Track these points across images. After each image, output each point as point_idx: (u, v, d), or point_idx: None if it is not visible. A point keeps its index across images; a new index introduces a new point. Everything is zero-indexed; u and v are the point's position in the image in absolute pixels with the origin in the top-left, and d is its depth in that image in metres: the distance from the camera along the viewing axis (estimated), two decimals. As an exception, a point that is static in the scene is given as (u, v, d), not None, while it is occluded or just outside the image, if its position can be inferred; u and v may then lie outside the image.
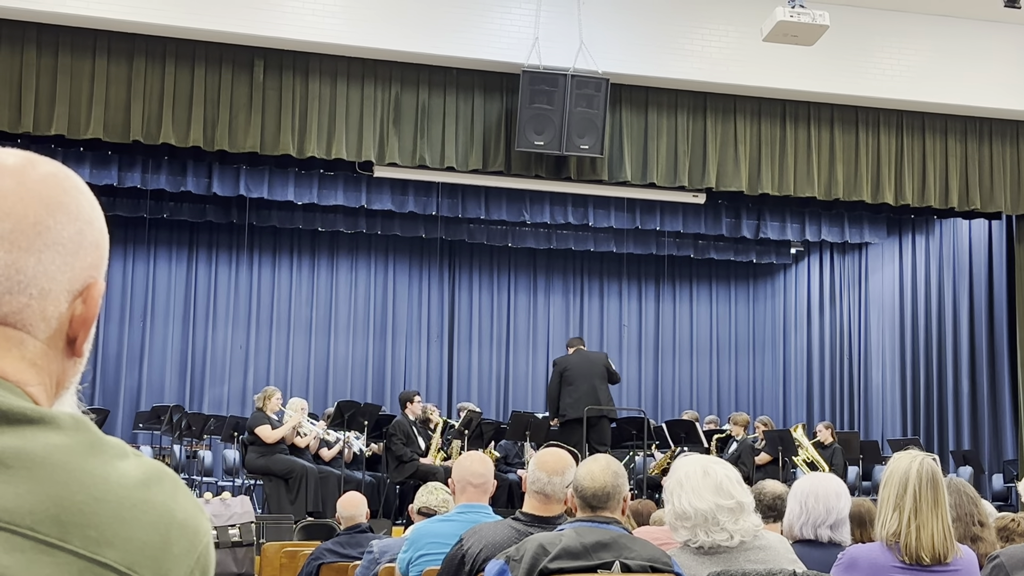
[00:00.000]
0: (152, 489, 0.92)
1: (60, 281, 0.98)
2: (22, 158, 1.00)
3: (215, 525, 7.83)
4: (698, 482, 3.26)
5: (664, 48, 10.89)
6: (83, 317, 1.01)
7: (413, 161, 10.60)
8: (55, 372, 1.00)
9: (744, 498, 3.27)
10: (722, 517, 3.23)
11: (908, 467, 3.36)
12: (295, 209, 14.32)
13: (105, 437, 0.94)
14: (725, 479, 3.27)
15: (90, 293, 1.01)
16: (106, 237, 1.04)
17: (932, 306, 14.59)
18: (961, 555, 3.35)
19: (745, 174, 11.20)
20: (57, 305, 0.99)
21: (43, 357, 0.98)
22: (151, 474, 0.94)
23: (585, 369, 11.14)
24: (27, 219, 0.97)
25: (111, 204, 13.98)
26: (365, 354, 15.85)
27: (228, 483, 12.08)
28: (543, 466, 3.73)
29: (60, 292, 0.99)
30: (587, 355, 11.51)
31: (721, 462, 3.38)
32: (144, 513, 0.91)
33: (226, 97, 10.18)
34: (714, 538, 3.24)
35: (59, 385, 1.01)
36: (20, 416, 0.90)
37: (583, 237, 15.78)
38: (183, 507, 0.94)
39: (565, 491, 3.70)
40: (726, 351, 17.61)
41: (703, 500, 3.24)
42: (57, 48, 9.85)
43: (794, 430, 12.10)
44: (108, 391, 14.77)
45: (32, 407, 0.92)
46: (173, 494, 0.94)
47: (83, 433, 0.92)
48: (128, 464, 0.93)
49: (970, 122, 11.77)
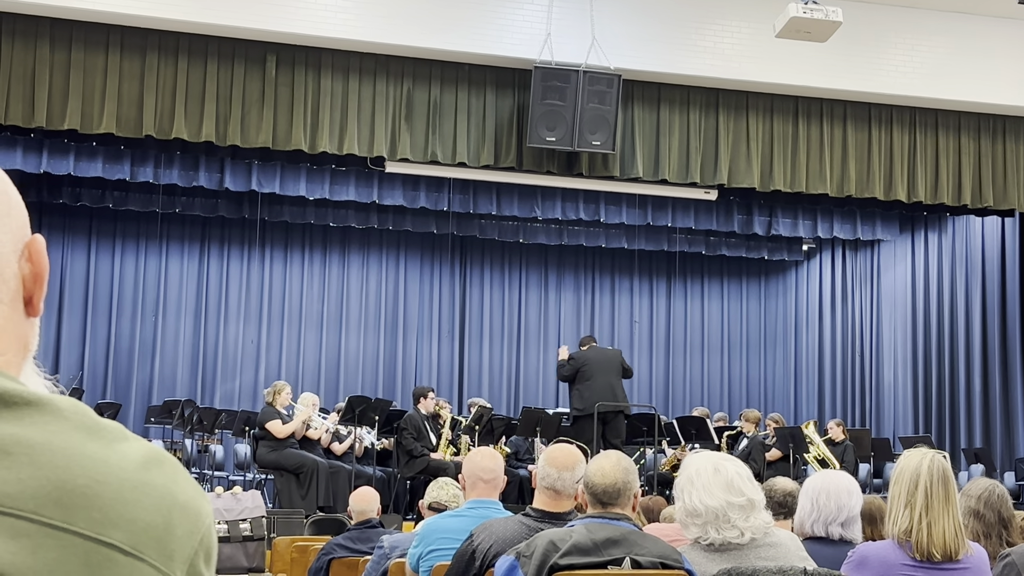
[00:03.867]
0: (153, 471, 0.92)
1: (5, 243, 0.99)
2: None
3: (226, 519, 7.85)
4: (709, 479, 3.26)
5: (676, 44, 10.87)
6: (34, 273, 1.02)
7: (425, 157, 10.60)
8: (21, 336, 1.01)
9: (755, 495, 3.27)
10: (733, 514, 3.22)
11: (919, 464, 3.35)
12: (307, 204, 14.34)
13: (102, 420, 0.94)
14: (736, 476, 3.26)
15: (33, 248, 1.02)
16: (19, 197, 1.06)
17: (944, 303, 14.55)
18: (972, 553, 3.34)
19: (757, 170, 11.17)
20: (10, 266, 1.00)
21: (9, 321, 0.99)
22: (151, 457, 0.94)
23: (602, 365, 11.21)
24: None
25: (123, 199, 14.04)
26: (376, 349, 15.87)
27: (239, 477, 12.11)
28: (553, 462, 3.72)
29: (8, 254, 1.00)
30: (603, 351, 11.58)
31: (732, 459, 3.37)
32: (146, 495, 0.91)
33: (238, 92, 10.19)
34: (725, 535, 3.23)
35: (25, 347, 1.02)
36: (17, 399, 0.90)
37: (594, 233, 15.76)
38: (184, 489, 0.94)
39: (575, 487, 3.69)
40: (737, 348, 17.59)
41: (714, 497, 3.23)
42: (70, 43, 9.87)
43: (805, 427, 12.08)
44: (120, 385, 14.83)
45: (28, 390, 0.92)
46: (174, 476, 0.94)
47: (81, 416, 0.92)
48: (128, 447, 0.93)
49: (983, 119, 11.72)
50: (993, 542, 3.87)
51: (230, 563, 7.70)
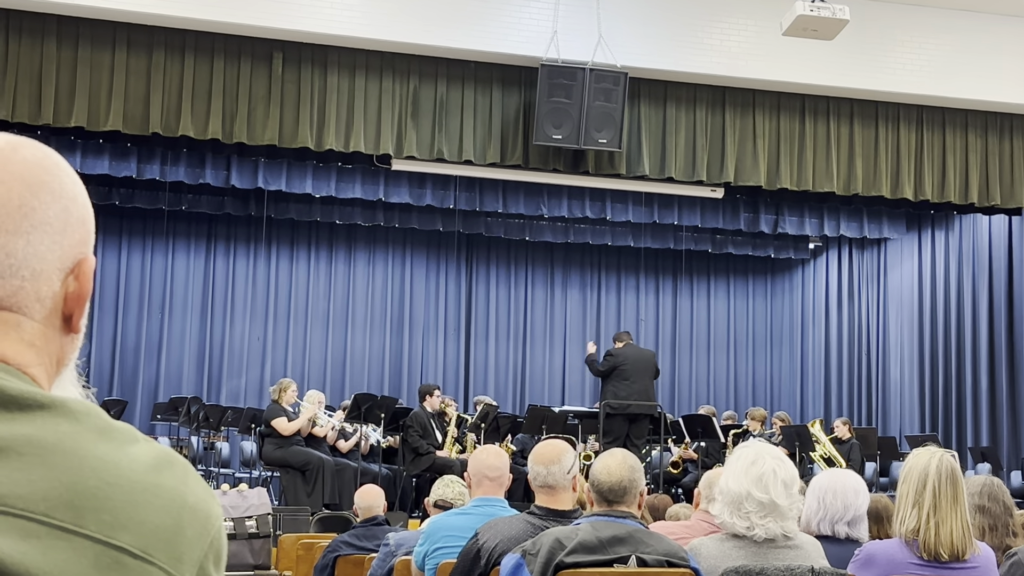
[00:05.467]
0: (163, 474, 0.93)
1: (51, 261, 0.99)
2: (2, 141, 1.00)
3: (232, 517, 7.86)
4: (744, 466, 3.26)
5: (683, 42, 10.86)
6: (77, 294, 1.01)
7: (431, 154, 10.60)
8: (54, 351, 1.01)
9: (781, 500, 3.23)
10: (749, 506, 3.21)
11: (927, 463, 3.35)
12: (313, 202, 14.35)
13: (114, 422, 0.94)
14: (771, 475, 3.23)
15: (81, 269, 1.02)
16: (91, 211, 1.05)
17: (951, 302, 14.53)
18: (979, 552, 3.33)
19: (764, 169, 11.16)
20: (50, 285, 0.99)
21: (41, 337, 0.99)
22: (161, 459, 0.94)
23: (638, 365, 11.27)
24: (12, 202, 0.97)
25: (130, 196, 14.04)
26: (382, 347, 15.88)
27: (245, 475, 12.12)
28: (539, 459, 3.74)
29: (52, 271, 0.99)
30: (640, 351, 11.65)
31: (783, 461, 3.31)
32: (156, 497, 0.91)
33: (245, 90, 10.20)
34: (737, 523, 3.23)
35: (59, 363, 1.02)
36: (30, 401, 0.91)
37: (600, 231, 15.76)
38: (194, 491, 0.94)
39: (568, 478, 3.69)
40: (743, 346, 17.57)
41: (739, 484, 3.24)
42: (77, 40, 9.88)
43: (811, 425, 12.06)
44: (126, 382, 14.85)
45: (41, 392, 0.92)
46: (184, 479, 0.94)
47: (93, 418, 0.93)
48: (138, 449, 0.93)
49: (991, 117, 11.70)
50: (999, 533, 3.86)
51: (236, 560, 7.71)
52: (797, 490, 3.30)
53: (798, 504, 3.32)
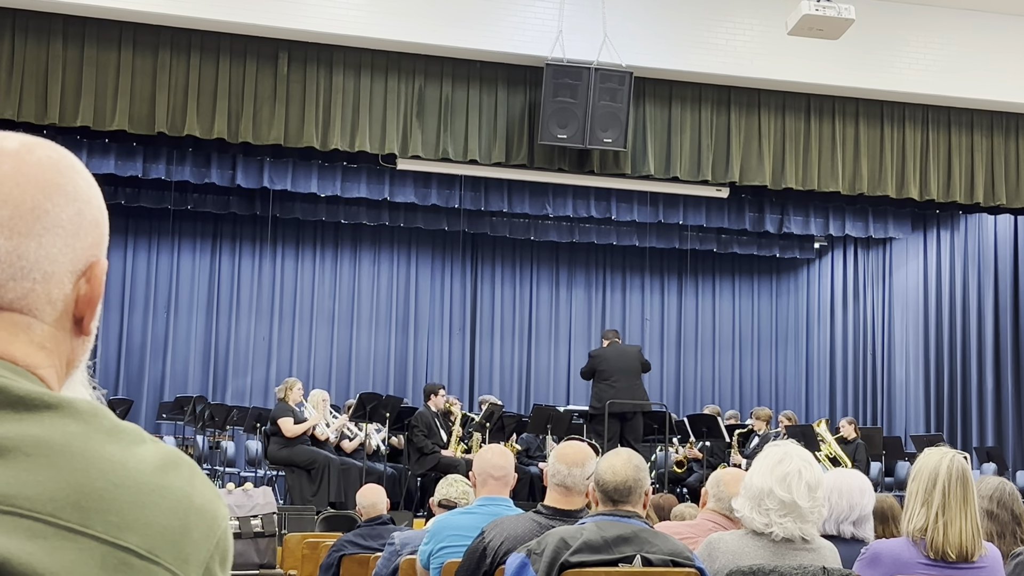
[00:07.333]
0: (170, 474, 0.93)
1: (62, 263, 0.99)
2: (17, 142, 1.00)
3: (237, 516, 7.86)
4: (769, 464, 3.26)
5: (688, 41, 10.85)
6: (88, 297, 1.01)
7: (436, 154, 10.60)
8: (64, 353, 1.01)
9: (803, 503, 3.21)
10: (770, 503, 3.20)
11: (938, 463, 3.34)
12: (318, 201, 14.36)
13: (121, 423, 0.95)
14: (795, 475, 3.22)
15: (93, 272, 1.01)
16: (105, 214, 1.04)
17: (956, 301, 14.51)
18: (987, 553, 3.33)
19: (769, 168, 11.15)
20: (61, 287, 0.99)
21: (51, 340, 0.99)
22: (168, 460, 0.94)
23: (619, 363, 11.10)
24: (25, 204, 0.97)
25: (136, 195, 14.06)
26: (387, 346, 15.89)
27: (250, 474, 12.14)
28: (563, 459, 3.73)
29: (63, 274, 0.99)
30: (622, 349, 11.46)
31: (809, 463, 3.29)
32: (163, 498, 0.91)
33: (250, 89, 10.20)
34: (756, 518, 3.22)
35: (69, 365, 1.02)
36: (38, 402, 0.91)
37: (606, 231, 15.75)
38: (200, 492, 0.95)
39: (586, 483, 3.70)
40: (749, 346, 17.56)
41: (763, 479, 3.24)
42: (83, 40, 9.89)
43: (817, 425, 12.06)
44: (132, 381, 14.87)
45: (48, 393, 0.93)
46: (190, 479, 0.95)
47: (100, 419, 0.93)
48: (145, 450, 0.93)
49: (996, 117, 11.67)
50: (1007, 541, 3.85)
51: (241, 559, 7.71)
52: (822, 495, 3.28)
53: (820, 508, 3.30)
